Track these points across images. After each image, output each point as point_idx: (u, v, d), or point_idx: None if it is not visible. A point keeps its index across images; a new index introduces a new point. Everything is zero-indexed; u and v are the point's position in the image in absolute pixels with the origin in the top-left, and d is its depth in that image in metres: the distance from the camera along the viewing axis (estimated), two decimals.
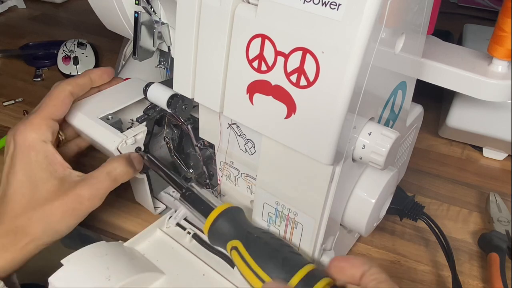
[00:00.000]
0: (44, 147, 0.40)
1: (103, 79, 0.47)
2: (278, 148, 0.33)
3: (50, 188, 0.39)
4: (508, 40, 0.40)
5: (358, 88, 0.28)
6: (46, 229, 0.39)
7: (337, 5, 0.27)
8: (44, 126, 0.41)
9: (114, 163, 0.40)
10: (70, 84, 0.43)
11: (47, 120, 0.41)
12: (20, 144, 0.40)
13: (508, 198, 0.52)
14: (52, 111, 0.42)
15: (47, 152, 0.40)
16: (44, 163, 0.40)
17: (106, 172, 0.40)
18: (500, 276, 0.41)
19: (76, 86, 0.44)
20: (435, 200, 0.52)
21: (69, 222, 0.40)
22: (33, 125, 0.40)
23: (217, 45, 0.33)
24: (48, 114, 0.42)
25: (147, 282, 0.38)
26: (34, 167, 0.39)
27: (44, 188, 0.39)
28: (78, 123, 0.44)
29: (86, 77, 0.45)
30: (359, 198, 0.36)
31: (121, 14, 0.44)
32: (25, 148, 0.40)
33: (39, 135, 0.40)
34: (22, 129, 0.40)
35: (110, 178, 0.40)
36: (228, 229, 0.36)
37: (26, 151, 0.40)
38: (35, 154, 0.40)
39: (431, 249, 0.46)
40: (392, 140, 0.31)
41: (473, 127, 0.55)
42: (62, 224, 0.39)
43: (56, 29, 0.91)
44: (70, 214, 0.39)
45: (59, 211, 0.39)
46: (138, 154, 0.42)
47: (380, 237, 0.47)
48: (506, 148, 0.57)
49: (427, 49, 0.43)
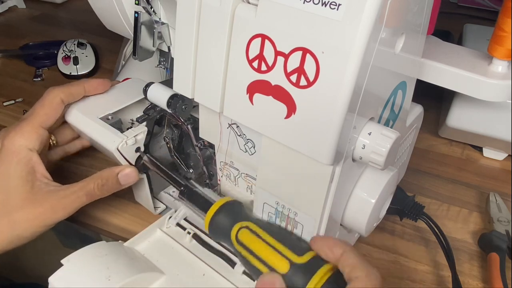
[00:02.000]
0: (28, 155, 0.41)
1: (97, 90, 0.47)
2: (278, 148, 0.33)
3: (23, 196, 0.39)
4: (508, 40, 0.40)
5: (358, 88, 0.28)
6: (12, 237, 0.39)
7: (337, 5, 0.27)
8: (34, 134, 0.41)
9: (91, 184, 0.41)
10: (63, 92, 0.44)
11: (38, 129, 0.42)
12: (6, 149, 0.41)
13: (508, 198, 0.52)
14: (43, 119, 0.42)
15: (30, 160, 0.41)
16: (23, 171, 0.40)
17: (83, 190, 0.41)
18: (500, 276, 0.41)
19: (69, 95, 0.44)
20: (435, 200, 0.52)
21: (36, 230, 0.40)
22: (23, 132, 0.41)
23: (217, 45, 0.33)
24: (39, 122, 0.42)
25: (147, 282, 0.38)
26: (12, 173, 0.40)
27: (18, 195, 0.39)
28: (78, 123, 0.44)
29: (80, 86, 0.45)
30: (359, 198, 0.36)
31: (121, 14, 0.44)
32: (10, 153, 0.40)
33: (27, 143, 0.41)
34: (12, 135, 0.41)
35: (86, 192, 0.41)
36: (230, 222, 0.35)
37: (10, 156, 0.40)
38: (17, 160, 0.40)
39: (431, 249, 0.46)
40: (392, 140, 0.31)
41: (473, 127, 0.55)
42: (29, 231, 0.40)
43: (56, 29, 0.91)
44: (38, 223, 0.40)
45: (29, 219, 0.39)
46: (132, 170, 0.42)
47: (380, 237, 0.47)
48: (506, 148, 0.57)
49: (427, 49, 0.43)
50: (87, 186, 0.41)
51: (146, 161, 0.43)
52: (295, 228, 0.37)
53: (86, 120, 0.44)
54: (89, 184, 0.41)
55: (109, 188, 0.42)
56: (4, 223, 0.39)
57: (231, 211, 0.36)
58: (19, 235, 0.40)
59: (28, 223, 0.39)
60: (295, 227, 0.36)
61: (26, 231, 0.40)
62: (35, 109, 0.43)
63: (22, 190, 0.40)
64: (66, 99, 0.44)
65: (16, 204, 0.39)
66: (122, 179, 0.41)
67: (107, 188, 0.41)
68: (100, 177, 0.41)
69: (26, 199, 0.39)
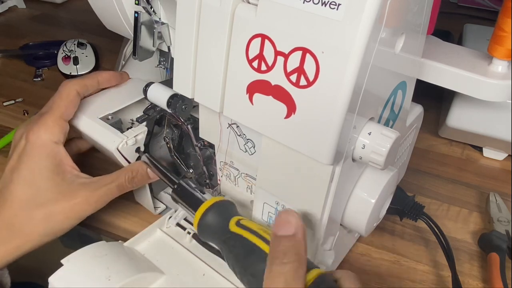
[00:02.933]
0: (56, 149, 0.41)
1: (110, 83, 0.47)
2: (278, 148, 0.33)
3: (55, 189, 0.40)
4: (508, 40, 0.40)
5: (358, 88, 0.28)
6: (47, 231, 0.39)
7: (337, 5, 0.27)
8: (57, 127, 0.41)
9: (122, 176, 0.41)
10: (78, 84, 0.44)
11: (60, 121, 0.42)
12: (32, 143, 0.40)
13: (508, 198, 0.52)
14: (63, 111, 0.42)
15: (58, 153, 0.41)
16: (52, 165, 0.40)
17: (114, 183, 0.41)
18: (500, 276, 0.41)
19: (84, 86, 0.44)
20: (435, 200, 0.52)
21: (69, 224, 0.40)
22: (47, 126, 0.41)
23: (217, 45, 0.33)
24: (60, 114, 0.42)
25: (147, 282, 0.38)
26: (41, 167, 0.40)
27: (48, 188, 0.39)
28: (78, 123, 0.44)
29: (94, 79, 0.45)
30: (359, 198, 0.36)
31: (121, 14, 0.44)
32: (37, 147, 0.40)
33: (52, 136, 0.41)
34: (36, 129, 0.41)
35: (118, 184, 0.41)
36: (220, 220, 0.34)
37: (38, 151, 0.40)
38: (46, 154, 0.40)
39: (431, 249, 0.46)
40: (392, 140, 0.31)
41: (473, 127, 0.55)
42: (63, 225, 0.40)
43: (56, 29, 0.91)
44: (73, 215, 0.40)
45: (63, 212, 0.39)
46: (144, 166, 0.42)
47: (380, 237, 0.47)
48: (506, 148, 0.57)
49: (427, 49, 0.43)
50: (118, 178, 0.41)
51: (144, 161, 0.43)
52: None
53: (86, 120, 0.44)
54: (120, 176, 0.41)
55: (138, 181, 0.42)
56: (39, 217, 0.39)
57: (221, 210, 0.35)
58: (54, 227, 0.40)
59: (64, 215, 0.39)
60: None
61: (63, 223, 0.40)
62: (55, 102, 0.43)
63: (54, 184, 0.40)
64: (81, 92, 0.44)
65: (49, 197, 0.39)
66: (151, 172, 0.42)
67: (136, 181, 0.42)
68: (131, 169, 0.41)
69: (60, 192, 0.39)
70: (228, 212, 0.35)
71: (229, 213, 0.35)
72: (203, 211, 0.35)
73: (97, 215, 0.48)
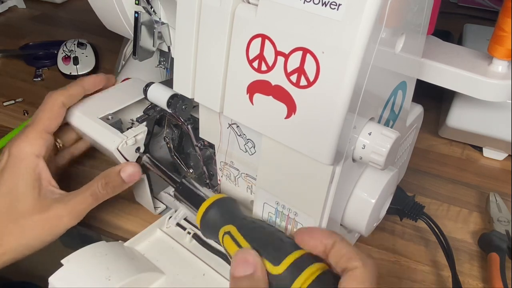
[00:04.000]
0: (35, 162, 0.41)
1: (96, 87, 0.47)
2: (278, 148, 0.33)
3: (31, 203, 0.40)
4: (508, 40, 0.40)
5: (358, 88, 0.28)
6: (21, 244, 0.39)
7: (337, 5, 0.27)
8: (40, 140, 0.42)
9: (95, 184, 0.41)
10: (63, 95, 0.43)
11: (42, 134, 0.42)
12: (13, 156, 0.41)
13: (508, 198, 0.52)
14: (47, 124, 0.42)
15: (37, 167, 0.41)
16: (31, 178, 0.40)
17: (87, 191, 0.41)
18: (500, 276, 0.41)
19: (69, 97, 0.44)
20: (435, 200, 0.52)
21: (45, 239, 0.40)
22: (28, 139, 0.41)
23: (217, 45, 0.33)
24: (43, 127, 0.42)
25: (147, 282, 0.38)
26: (19, 180, 0.40)
27: (25, 202, 0.40)
28: (78, 123, 0.44)
29: (79, 86, 0.45)
30: (359, 198, 0.36)
31: (121, 14, 0.44)
32: (17, 160, 0.41)
33: (33, 149, 0.41)
34: (18, 142, 0.41)
35: (91, 193, 0.41)
36: (220, 218, 0.35)
37: (17, 164, 0.40)
38: (24, 167, 0.40)
39: (431, 249, 0.46)
40: (392, 140, 0.31)
41: (473, 127, 0.55)
42: (37, 240, 0.40)
43: (56, 29, 0.91)
44: (48, 230, 0.40)
45: (37, 227, 0.39)
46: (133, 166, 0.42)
47: (380, 237, 0.47)
48: (506, 148, 0.57)
49: (427, 49, 0.43)
50: (91, 187, 0.41)
51: (145, 161, 0.43)
52: (295, 228, 0.36)
53: (86, 120, 0.44)
54: (93, 184, 0.41)
55: (113, 186, 0.41)
56: (13, 231, 0.39)
57: (223, 208, 0.36)
58: (28, 243, 0.39)
59: (36, 231, 0.39)
60: (295, 227, 0.36)
61: (35, 239, 0.40)
62: (38, 115, 0.43)
63: (30, 197, 0.40)
64: (67, 102, 0.44)
65: (24, 211, 0.39)
66: (125, 176, 0.41)
67: (111, 186, 0.41)
68: (103, 176, 0.41)
69: (34, 206, 0.40)
70: (231, 209, 0.36)
71: (231, 209, 0.36)
72: (205, 208, 0.35)
73: (97, 215, 0.48)
